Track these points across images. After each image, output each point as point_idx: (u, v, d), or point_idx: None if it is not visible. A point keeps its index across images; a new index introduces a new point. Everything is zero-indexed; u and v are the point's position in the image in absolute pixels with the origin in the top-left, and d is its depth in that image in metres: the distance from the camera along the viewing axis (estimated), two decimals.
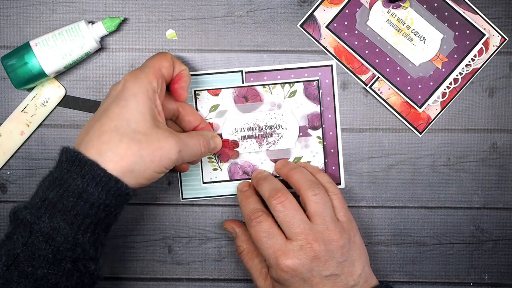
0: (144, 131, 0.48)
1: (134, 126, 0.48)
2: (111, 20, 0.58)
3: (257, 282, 0.57)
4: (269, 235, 0.53)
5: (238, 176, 0.61)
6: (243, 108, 0.61)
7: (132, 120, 0.48)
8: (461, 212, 0.63)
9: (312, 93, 0.61)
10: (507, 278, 0.63)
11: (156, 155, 0.48)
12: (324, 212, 0.53)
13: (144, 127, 0.49)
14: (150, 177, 0.50)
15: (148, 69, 0.51)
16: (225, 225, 0.61)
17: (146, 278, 0.63)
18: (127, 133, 0.48)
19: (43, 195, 0.48)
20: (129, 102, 0.49)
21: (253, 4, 0.61)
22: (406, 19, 0.61)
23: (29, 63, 0.56)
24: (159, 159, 0.49)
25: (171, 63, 0.53)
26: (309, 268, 0.52)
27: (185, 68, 0.55)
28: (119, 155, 0.48)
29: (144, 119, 0.49)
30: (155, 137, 0.49)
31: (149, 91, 0.50)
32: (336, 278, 0.53)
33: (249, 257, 0.58)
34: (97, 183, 0.47)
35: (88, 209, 0.47)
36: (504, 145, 0.62)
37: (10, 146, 0.61)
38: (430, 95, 0.61)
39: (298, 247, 0.52)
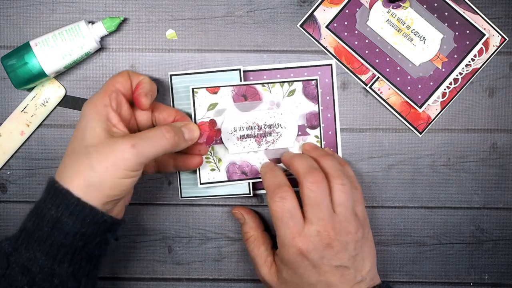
0: (95, 144, 0.48)
1: (86, 142, 0.49)
2: (111, 20, 0.58)
3: (260, 270, 0.57)
4: (291, 215, 0.53)
5: (236, 176, 0.61)
6: (242, 106, 0.60)
7: (85, 138, 0.49)
8: (461, 212, 0.63)
9: (311, 92, 0.61)
10: (507, 278, 0.63)
11: (108, 160, 0.47)
12: (347, 203, 0.53)
13: (95, 140, 0.48)
14: (114, 186, 0.48)
15: (100, 89, 0.52)
16: (233, 211, 0.61)
17: (146, 278, 0.63)
18: (80, 151, 0.48)
19: (23, 225, 0.48)
20: (81, 123, 0.50)
21: (253, 4, 0.61)
22: (406, 19, 0.61)
23: (29, 63, 0.56)
24: (112, 164, 0.47)
25: (126, 77, 0.53)
26: (321, 255, 0.52)
27: (143, 77, 0.54)
28: (74, 173, 0.48)
29: (94, 133, 0.49)
30: (106, 145, 0.48)
31: (97, 106, 0.50)
32: (345, 270, 0.52)
33: (255, 244, 0.58)
34: (71, 212, 0.47)
35: (63, 239, 0.47)
36: (504, 145, 0.62)
37: (10, 146, 0.61)
38: (430, 95, 0.61)
39: (315, 232, 0.52)
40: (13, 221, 0.63)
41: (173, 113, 0.57)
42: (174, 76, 0.61)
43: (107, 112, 0.50)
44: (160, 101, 0.61)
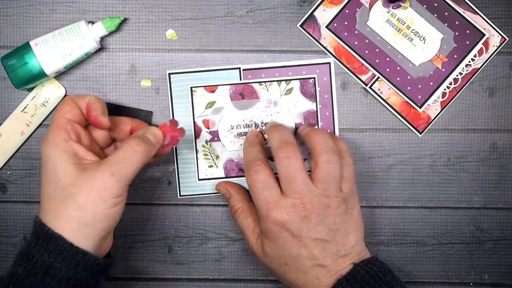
0: (72, 182, 0.47)
1: (61, 183, 0.48)
2: (111, 20, 0.58)
3: (248, 240, 0.57)
4: (264, 186, 0.53)
5: (234, 173, 0.61)
6: (239, 105, 0.61)
7: (57, 179, 0.48)
8: (461, 212, 0.63)
9: (309, 91, 0.61)
10: (507, 278, 0.63)
11: (93, 195, 0.47)
12: (330, 181, 0.53)
13: (70, 179, 0.48)
14: (107, 217, 0.48)
15: (51, 126, 0.51)
16: (218, 187, 0.60)
17: (146, 278, 0.63)
18: (59, 194, 0.47)
19: (13, 270, 0.47)
20: (48, 166, 0.49)
21: (253, 4, 0.61)
22: (406, 19, 0.61)
23: (29, 63, 0.56)
24: (99, 197, 0.47)
25: (72, 104, 0.51)
26: (298, 227, 0.52)
27: (89, 97, 0.52)
28: (63, 217, 0.47)
29: (66, 172, 0.48)
30: (83, 180, 0.47)
31: (59, 145, 0.49)
32: (326, 244, 0.52)
33: (243, 215, 0.57)
34: (64, 257, 0.46)
35: (55, 285, 0.46)
36: (504, 145, 0.62)
37: (10, 146, 0.61)
38: (430, 95, 0.61)
39: (290, 204, 0.52)
40: (13, 221, 0.63)
41: (129, 122, 0.56)
42: (172, 75, 0.61)
43: (71, 147, 0.49)
44: (159, 100, 0.62)
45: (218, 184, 0.60)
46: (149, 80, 0.61)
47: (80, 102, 0.52)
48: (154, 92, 0.61)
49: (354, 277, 0.51)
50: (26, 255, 0.47)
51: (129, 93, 0.62)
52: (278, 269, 0.54)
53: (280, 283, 0.63)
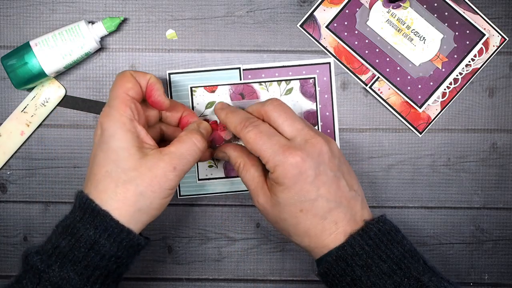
0: (134, 166, 0.48)
1: (123, 165, 0.48)
2: (111, 20, 0.58)
3: (254, 192, 0.53)
4: (270, 133, 0.51)
5: (234, 173, 0.61)
6: (240, 105, 0.61)
7: (119, 160, 0.48)
8: (461, 212, 0.63)
9: (309, 91, 0.61)
10: (507, 278, 0.63)
11: (154, 184, 0.48)
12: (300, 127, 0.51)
13: (132, 162, 0.48)
14: (160, 206, 0.49)
15: (115, 101, 0.49)
16: (215, 155, 0.57)
17: (146, 278, 0.63)
18: (119, 176, 0.48)
19: (56, 242, 0.47)
20: (111, 143, 0.48)
21: (253, 4, 0.61)
22: (406, 19, 0.61)
23: (29, 63, 0.56)
24: (158, 187, 0.48)
25: (133, 81, 0.51)
26: (317, 162, 0.49)
27: (150, 76, 0.52)
28: (121, 200, 0.47)
29: (129, 154, 0.48)
30: (146, 168, 0.48)
31: (125, 124, 0.49)
32: (339, 181, 0.51)
33: (245, 168, 0.54)
34: (109, 234, 0.47)
35: (99, 261, 0.47)
36: (504, 145, 0.62)
37: (10, 146, 0.61)
38: (430, 95, 0.61)
39: (303, 141, 0.50)
40: (13, 221, 0.63)
41: (180, 108, 0.56)
42: (172, 75, 0.61)
43: (135, 127, 0.49)
44: None
45: (215, 155, 0.57)
46: None
47: (140, 78, 0.51)
48: None
49: (367, 233, 0.49)
50: (71, 228, 0.47)
51: None
52: (290, 219, 0.51)
53: (280, 283, 0.63)
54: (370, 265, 0.48)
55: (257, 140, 0.50)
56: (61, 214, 0.62)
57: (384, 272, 0.48)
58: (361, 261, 0.49)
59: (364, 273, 0.48)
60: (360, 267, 0.49)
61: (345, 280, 0.49)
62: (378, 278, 0.48)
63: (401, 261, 0.49)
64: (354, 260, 0.49)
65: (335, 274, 0.50)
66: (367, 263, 0.48)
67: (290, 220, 0.51)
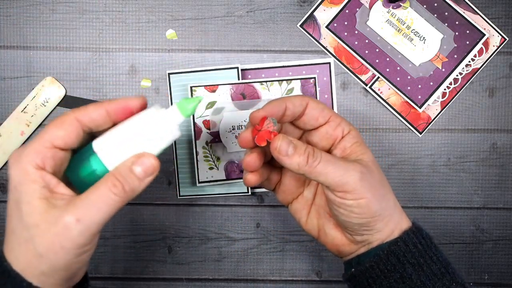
0: (36, 222, 0.40)
1: (25, 221, 0.41)
2: (187, 101, 0.44)
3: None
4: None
5: (235, 175, 0.61)
6: (241, 105, 0.61)
7: (22, 215, 0.41)
8: (461, 212, 0.63)
9: (309, 91, 0.61)
10: (507, 278, 0.63)
11: (55, 244, 0.40)
12: None
13: (34, 217, 0.40)
14: (70, 267, 0.41)
15: (30, 146, 0.42)
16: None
17: (146, 278, 0.63)
18: (21, 233, 0.41)
19: None
20: (15, 195, 0.42)
21: (253, 4, 0.61)
22: (406, 19, 0.61)
23: (97, 170, 0.43)
24: (60, 247, 0.40)
25: (71, 129, 0.42)
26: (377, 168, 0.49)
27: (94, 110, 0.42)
28: (23, 262, 0.41)
29: (32, 208, 0.40)
30: (48, 223, 0.40)
31: (30, 174, 0.41)
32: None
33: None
34: None
35: None
36: (504, 145, 0.62)
37: (10, 146, 0.61)
38: (430, 95, 0.61)
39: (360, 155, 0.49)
40: None
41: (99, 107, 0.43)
42: (172, 75, 0.61)
43: (42, 177, 0.41)
44: (159, 100, 0.62)
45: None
46: (149, 80, 0.61)
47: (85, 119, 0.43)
48: (154, 92, 0.61)
49: (420, 232, 0.49)
50: None
51: (129, 93, 0.62)
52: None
53: (280, 283, 0.63)
54: (422, 264, 0.47)
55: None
56: None
57: (434, 274, 0.47)
58: (413, 259, 0.47)
59: (415, 272, 0.47)
60: (412, 265, 0.47)
61: (393, 277, 0.48)
62: (428, 278, 0.47)
63: (448, 265, 0.48)
64: (407, 257, 0.47)
65: (383, 270, 0.48)
66: (419, 262, 0.47)
67: None
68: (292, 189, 0.52)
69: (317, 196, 0.52)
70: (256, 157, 0.48)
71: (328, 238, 0.51)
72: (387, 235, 0.48)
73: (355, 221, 0.47)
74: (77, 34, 0.61)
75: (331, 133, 0.49)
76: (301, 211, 0.52)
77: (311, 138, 0.50)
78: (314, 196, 0.52)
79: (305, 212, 0.52)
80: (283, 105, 0.47)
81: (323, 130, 0.49)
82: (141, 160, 0.42)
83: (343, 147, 0.49)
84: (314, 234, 0.52)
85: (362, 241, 0.49)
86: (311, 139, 0.50)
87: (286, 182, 0.52)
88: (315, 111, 0.48)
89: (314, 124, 0.49)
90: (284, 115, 0.47)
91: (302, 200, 0.52)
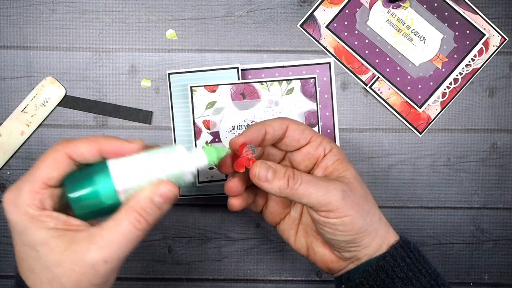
0: (58, 262, 0.40)
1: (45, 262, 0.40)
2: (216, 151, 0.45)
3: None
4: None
5: None
6: (241, 105, 0.61)
7: (40, 257, 0.40)
8: (461, 212, 0.63)
9: (309, 91, 0.61)
10: (507, 278, 0.63)
11: (83, 282, 0.40)
12: None
13: (55, 257, 0.40)
14: None
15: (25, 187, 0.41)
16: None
17: (146, 278, 0.63)
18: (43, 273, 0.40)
19: None
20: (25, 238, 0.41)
21: (253, 4, 0.61)
22: (406, 19, 0.61)
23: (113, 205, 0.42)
24: (88, 284, 0.40)
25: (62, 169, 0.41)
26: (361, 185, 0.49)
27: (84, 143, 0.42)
28: None
29: (51, 248, 0.40)
30: (72, 262, 0.40)
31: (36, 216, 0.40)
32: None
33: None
34: None
35: None
36: (504, 145, 0.62)
37: (10, 146, 0.61)
38: (430, 95, 0.61)
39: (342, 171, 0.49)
40: None
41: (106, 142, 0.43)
42: (172, 75, 0.61)
43: (49, 215, 0.41)
44: (159, 100, 0.62)
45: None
46: (149, 80, 0.61)
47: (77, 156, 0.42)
48: (154, 92, 0.61)
49: (408, 245, 0.49)
50: None
51: (129, 93, 0.62)
52: None
53: (280, 283, 0.63)
54: (411, 278, 0.47)
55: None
56: None
57: (424, 287, 0.47)
58: (402, 273, 0.48)
59: (405, 286, 0.47)
60: (401, 280, 0.47)
61: None
62: None
63: (438, 277, 0.48)
64: (395, 272, 0.48)
65: (372, 285, 0.48)
66: (408, 276, 0.48)
67: None
68: (279, 211, 0.52)
69: (304, 216, 0.53)
70: (238, 182, 0.48)
71: (317, 256, 0.51)
72: (375, 250, 0.48)
73: (341, 238, 0.47)
74: (77, 34, 0.61)
75: (312, 153, 0.49)
76: (288, 231, 0.53)
77: (293, 158, 0.50)
78: (301, 216, 0.53)
79: (293, 232, 0.52)
80: (263, 130, 0.47)
81: (305, 150, 0.49)
82: (161, 189, 0.41)
83: (325, 166, 0.49)
84: (304, 253, 0.52)
85: (350, 257, 0.49)
86: (294, 159, 0.50)
87: (272, 204, 0.52)
88: (296, 133, 0.49)
89: (296, 146, 0.49)
90: (264, 140, 0.48)
91: (289, 220, 0.53)
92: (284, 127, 0.48)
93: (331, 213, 0.46)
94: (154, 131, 0.62)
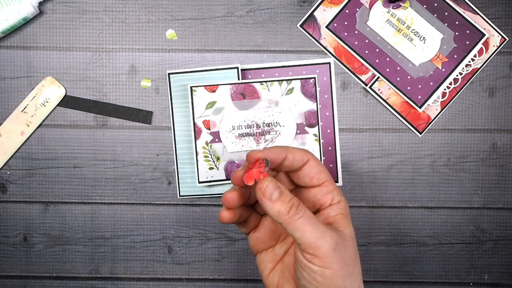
0: None
1: None
2: None
3: None
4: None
5: None
6: (241, 105, 0.61)
7: None
8: (461, 212, 0.63)
9: (309, 91, 0.61)
10: (507, 278, 0.63)
11: None
12: None
13: None
14: None
15: None
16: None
17: (146, 278, 0.63)
18: None
19: None
20: None
21: (253, 4, 0.61)
22: (406, 19, 0.61)
23: None
24: None
25: None
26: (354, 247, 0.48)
27: None
28: None
29: None
30: None
31: None
32: None
33: None
34: None
35: None
36: (504, 145, 0.62)
37: (10, 146, 0.61)
38: (430, 95, 0.61)
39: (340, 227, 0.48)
40: (13, 221, 0.63)
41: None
42: (172, 75, 0.61)
43: None
44: (159, 100, 0.62)
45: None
46: (149, 80, 0.61)
47: None
48: (154, 92, 0.62)
49: None
50: None
51: (129, 93, 0.62)
52: None
53: None
54: None
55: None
56: (61, 214, 0.62)
57: None
58: None
59: None
60: None
61: None
62: None
63: None
64: None
65: None
66: None
67: None
68: (266, 239, 0.51)
69: (287, 256, 0.51)
70: (236, 195, 0.47)
71: None
72: None
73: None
74: (77, 34, 0.61)
75: (319, 198, 0.48)
76: (266, 264, 0.51)
77: (299, 195, 0.49)
78: (284, 254, 0.51)
79: (270, 266, 0.51)
80: (284, 154, 0.46)
81: (313, 191, 0.48)
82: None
83: (327, 214, 0.48)
84: None
85: None
86: (299, 197, 0.49)
87: (262, 231, 0.51)
88: (313, 170, 0.48)
89: (308, 183, 0.48)
90: (282, 164, 0.47)
91: (271, 254, 0.51)
92: (305, 160, 0.47)
93: (316, 259, 0.44)
94: (154, 131, 0.62)
